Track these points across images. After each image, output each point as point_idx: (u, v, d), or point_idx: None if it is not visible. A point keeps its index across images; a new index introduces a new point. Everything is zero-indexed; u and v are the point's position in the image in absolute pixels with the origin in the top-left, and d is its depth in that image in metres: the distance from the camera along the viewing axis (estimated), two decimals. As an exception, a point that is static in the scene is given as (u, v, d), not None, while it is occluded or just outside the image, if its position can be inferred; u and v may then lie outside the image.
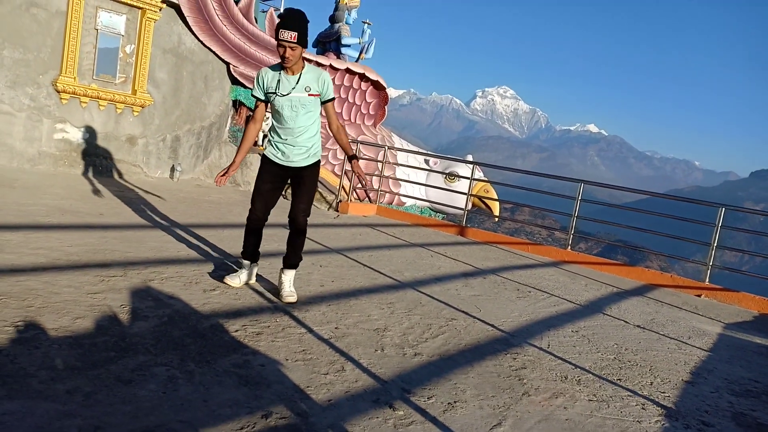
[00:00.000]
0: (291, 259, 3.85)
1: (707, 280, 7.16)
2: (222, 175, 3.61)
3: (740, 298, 6.69)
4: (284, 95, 3.55)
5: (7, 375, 2.21)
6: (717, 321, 5.57)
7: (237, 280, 3.89)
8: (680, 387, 3.43)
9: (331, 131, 3.79)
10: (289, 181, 3.87)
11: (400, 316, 3.91)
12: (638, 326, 4.77)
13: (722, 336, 4.96)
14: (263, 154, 3.78)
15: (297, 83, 3.55)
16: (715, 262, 7.26)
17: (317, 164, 3.81)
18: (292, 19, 3.38)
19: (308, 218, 3.83)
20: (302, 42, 3.44)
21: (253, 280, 4.06)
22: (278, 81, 3.56)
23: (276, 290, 3.94)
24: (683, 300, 6.41)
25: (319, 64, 11.31)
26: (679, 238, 7.75)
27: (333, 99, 3.72)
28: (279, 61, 3.56)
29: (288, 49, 3.42)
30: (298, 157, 3.69)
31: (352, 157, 3.81)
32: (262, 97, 3.64)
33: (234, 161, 3.71)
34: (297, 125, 3.62)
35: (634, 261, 47.85)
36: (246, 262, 3.96)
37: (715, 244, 7.21)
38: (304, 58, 3.68)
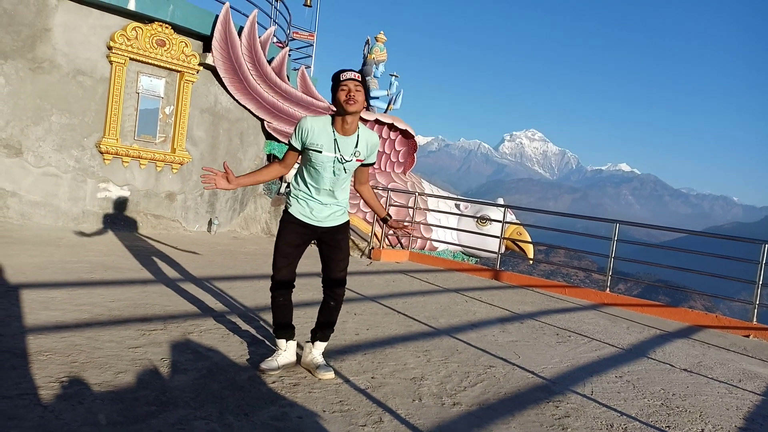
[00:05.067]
0: (325, 332, 3.39)
1: (755, 319, 6.88)
2: (208, 175, 3.11)
3: (793, 337, 6.40)
4: (345, 161, 3.14)
5: None
6: (769, 363, 5.32)
7: (274, 363, 3.30)
8: (734, 434, 3.27)
9: (360, 191, 3.49)
10: (314, 242, 3.40)
11: (436, 364, 3.86)
12: (685, 370, 4.59)
13: (776, 379, 4.73)
14: (287, 211, 3.31)
15: (356, 147, 3.17)
16: (762, 301, 6.99)
17: (348, 223, 3.43)
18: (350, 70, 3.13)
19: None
20: (365, 86, 3.13)
21: (292, 360, 3.41)
22: (335, 141, 3.11)
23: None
24: (731, 341, 6.16)
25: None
26: (721, 276, 7.50)
27: (372, 164, 3.39)
28: (313, 115, 3.27)
29: (353, 89, 3.01)
30: (329, 216, 3.29)
31: (385, 219, 3.55)
32: (299, 148, 3.16)
33: (237, 178, 3.18)
34: (336, 187, 3.24)
35: (677, 301, 46.22)
36: (282, 342, 3.37)
37: (761, 282, 6.96)
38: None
